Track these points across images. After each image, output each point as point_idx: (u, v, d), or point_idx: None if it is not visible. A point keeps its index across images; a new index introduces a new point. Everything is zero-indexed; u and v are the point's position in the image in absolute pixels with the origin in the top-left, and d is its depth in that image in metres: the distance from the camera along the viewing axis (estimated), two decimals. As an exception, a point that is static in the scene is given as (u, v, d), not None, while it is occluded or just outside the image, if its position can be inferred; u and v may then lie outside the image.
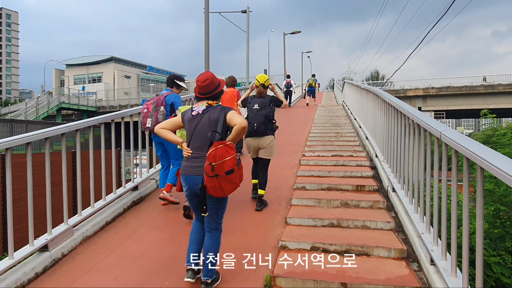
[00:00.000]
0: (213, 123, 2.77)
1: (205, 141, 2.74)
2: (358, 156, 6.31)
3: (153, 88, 54.63)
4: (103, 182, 4.04)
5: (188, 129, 2.88)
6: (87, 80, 62.79)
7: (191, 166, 2.79)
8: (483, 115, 8.62)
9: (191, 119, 2.86)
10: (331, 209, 4.12)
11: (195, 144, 2.80)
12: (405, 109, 3.69)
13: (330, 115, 12.60)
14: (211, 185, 2.59)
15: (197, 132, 2.81)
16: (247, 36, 20.82)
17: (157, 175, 5.26)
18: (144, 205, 4.55)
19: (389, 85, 39.58)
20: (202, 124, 2.81)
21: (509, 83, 32.29)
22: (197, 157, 2.78)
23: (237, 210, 4.27)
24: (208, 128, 2.77)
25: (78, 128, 3.70)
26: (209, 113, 2.83)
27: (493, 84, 32.58)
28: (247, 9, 20.73)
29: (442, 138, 2.53)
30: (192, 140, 2.83)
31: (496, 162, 1.79)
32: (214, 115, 2.80)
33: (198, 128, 2.82)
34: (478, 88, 32.50)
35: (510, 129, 7.92)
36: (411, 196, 3.53)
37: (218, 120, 2.77)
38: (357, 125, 8.75)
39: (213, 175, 2.55)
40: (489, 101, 31.24)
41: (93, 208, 3.87)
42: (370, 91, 6.68)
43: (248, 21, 20.89)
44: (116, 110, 38.33)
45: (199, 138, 2.80)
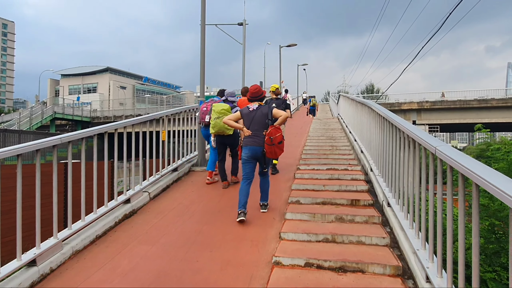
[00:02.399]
0: (265, 115, 4.61)
1: (260, 126, 4.57)
2: (353, 170, 6.30)
3: (149, 99, 54.69)
4: (95, 195, 3.96)
5: (246, 119, 4.66)
6: (82, 90, 62.76)
7: (252, 141, 4.54)
8: (477, 130, 8.67)
9: (249, 112, 4.67)
10: (326, 223, 4.08)
11: (254, 127, 4.58)
12: (399, 123, 3.69)
13: (325, 128, 12.63)
14: (270, 150, 4.43)
15: (254, 121, 4.61)
16: (243, 48, 20.96)
17: (150, 188, 5.23)
18: (136, 219, 4.47)
19: (384, 99, 39.91)
20: (257, 116, 4.62)
21: (502, 97, 32.74)
22: (255, 135, 4.54)
23: (231, 224, 4.22)
24: (261, 118, 4.60)
25: (70, 140, 3.65)
26: (261, 109, 4.67)
27: (487, 98, 32.97)
28: (243, 21, 20.92)
29: (437, 153, 2.52)
30: (251, 125, 4.60)
31: (491, 179, 1.77)
32: (265, 110, 4.65)
33: (255, 118, 4.62)
34: (471, 103, 32.87)
35: (504, 143, 7.96)
36: (406, 211, 3.50)
37: (268, 114, 4.62)
38: (352, 139, 8.76)
39: (271, 144, 4.39)
40: (482, 116, 31.58)
41: (84, 221, 3.79)
42: (365, 104, 6.70)
43: (244, 34, 21.06)
44: (110, 120, 38.25)
45: (256, 124, 4.59)
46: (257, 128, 4.56)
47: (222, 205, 4.96)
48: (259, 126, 4.57)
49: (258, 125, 4.58)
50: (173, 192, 5.56)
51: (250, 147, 4.52)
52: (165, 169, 5.86)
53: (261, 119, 4.60)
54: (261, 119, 4.60)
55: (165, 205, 4.95)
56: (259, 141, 4.50)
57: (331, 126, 13.22)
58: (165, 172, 5.86)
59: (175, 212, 4.68)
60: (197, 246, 3.67)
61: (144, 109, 44.49)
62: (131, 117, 37.60)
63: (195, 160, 7.11)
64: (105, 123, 35.15)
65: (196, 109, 7.28)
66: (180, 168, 6.42)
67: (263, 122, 4.59)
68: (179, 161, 6.45)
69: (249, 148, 4.52)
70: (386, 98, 40.18)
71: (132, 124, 4.90)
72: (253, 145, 4.51)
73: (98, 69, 63.50)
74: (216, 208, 4.81)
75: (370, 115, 5.97)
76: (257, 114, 4.63)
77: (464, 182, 2.19)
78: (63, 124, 38.77)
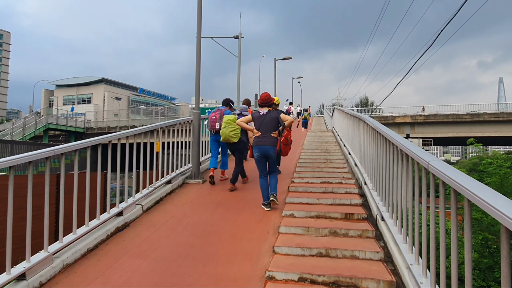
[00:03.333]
0: (274, 119, 5.33)
1: (269, 128, 5.29)
2: (347, 183, 6.30)
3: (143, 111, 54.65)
4: (87, 207, 3.92)
5: (257, 122, 5.39)
6: (76, 101, 62.59)
7: (262, 141, 5.24)
8: (470, 144, 8.76)
9: (259, 116, 5.41)
10: (320, 237, 4.06)
11: (263, 129, 5.29)
12: (393, 137, 3.71)
13: (319, 141, 12.67)
14: (285, 150, 5.58)
15: (264, 124, 5.32)
16: (239, 61, 21.14)
17: (143, 200, 5.19)
18: (129, 232, 4.42)
19: (378, 112, 40.26)
20: (267, 119, 5.34)
21: (494, 112, 33.18)
22: (265, 136, 5.25)
23: (224, 238, 4.19)
24: (271, 122, 5.32)
25: (63, 152, 3.63)
26: (270, 114, 5.39)
27: (479, 113, 33.39)
28: (239, 35, 21.15)
29: (429, 168, 2.53)
30: (261, 127, 5.31)
31: (482, 194, 1.79)
32: (274, 115, 5.37)
33: (264, 121, 5.33)
34: (464, 117, 33.26)
35: (496, 158, 8.04)
36: (399, 225, 3.50)
37: (277, 118, 5.32)
38: (347, 152, 8.79)
39: (286, 144, 5.57)
40: (475, 130, 31.95)
41: (75, 234, 3.74)
42: (359, 118, 6.74)
43: (239, 47, 21.28)
44: (104, 131, 38.11)
45: (265, 126, 5.30)
46: (266, 130, 5.30)
47: (215, 218, 4.93)
48: (268, 128, 5.30)
49: (268, 127, 5.31)
50: (166, 205, 5.52)
51: (260, 146, 5.24)
52: (158, 181, 5.83)
53: (270, 122, 5.33)
54: (271, 122, 5.33)
55: (158, 218, 4.90)
56: (268, 141, 5.24)
57: (325, 139, 13.27)
58: (159, 184, 5.83)
59: (168, 225, 4.64)
60: (189, 260, 3.63)
61: (139, 120, 44.43)
62: (125, 128, 37.56)
63: (189, 172, 7.08)
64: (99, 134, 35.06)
65: (191, 121, 7.28)
66: (174, 181, 6.39)
67: (272, 125, 5.32)
68: (173, 173, 6.42)
69: (259, 147, 5.24)
70: (380, 111, 40.54)
71: (126, 136, 4.88)
72: (263, 145, 5.23)
73: (93, 80, 63.49)
74: (209, 222, 4.78)
75: (364, 128, 6.01)
76: (267, 118, 5.36)
77: (457, 197, 2.20)
78: (57, 135, 38.57)
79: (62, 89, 64.68)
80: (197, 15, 7.40)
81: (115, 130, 37.79)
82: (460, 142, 38.46)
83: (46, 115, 37.45)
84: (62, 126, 36.09)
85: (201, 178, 6.95)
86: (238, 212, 5.14)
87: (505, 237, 1.64)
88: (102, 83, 62.93)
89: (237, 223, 4.70)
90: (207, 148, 8.41)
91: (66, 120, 37.64)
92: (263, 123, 5.34)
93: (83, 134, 38.61)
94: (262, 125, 5.33)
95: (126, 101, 64.47)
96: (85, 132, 39.13)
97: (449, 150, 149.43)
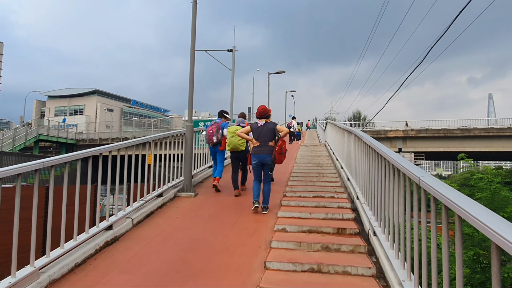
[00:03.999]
0: (271, 130, 5.84)
1: (266, 138, 5.78)
2: (340, 197, 6.30)
3: (136, 122, 54.46)
4: (76, 221, 3.85)
5: (255, 132, 5.87)
6: (68, 112, 62.18)
7: (260, 150, 5.73)
8: (461, 159, 8.86)
9: (257, 127, 5.91)
10: (312, 252, 4.03)
11: (261, 139, 5.79)
12: (385, 152, 3.73)
13: (312, 155, 12.70)
14: (279, 158, 5.80)
15: (262, 134, 5.82)
16: (232, 74, 21.25)
17: (133, 214, 5.12)
18: (118, 246, 4.34)
19: (371, 126, 40.61)
20: (264, 130, 5.85)
21: (484, 127, 33.64)
22: (262, 146, 5.74)
23: (215, 253, 4.13)
24: (268, 132, 5.82)
25: (53, 164, 3.58)
26: (267, 125, 5.91)
27: (469, 128, 33.85)
28: (233, 48, 21.31)
29: (421, 183, 2.55)
30: (259, 138, 5.81)
31: (473, 211, 1.79)
32: (270, 126, 5.90)
33: (262, 132, 5.83)
34: (455, 132, 33.68)
35: (487, 173, 8.12)
36: (391, 241, 3.49)
37: (274, 129, 5.86)
38: (339, 166, 8.82)
39: (281, 153, 5.78)
40: (465, 144, 32.32)
41: (63, 248, 3.66)
42: (352, 132, 6.79)
43: (233, 60, 21.40)
44: (96, 143, 37.84)
45: (263, 136, 5.80)
46: (264, 140, 5.79)
47: (207, 232, 4.87)
48: (265, 138, 5.80)
49: (265, 137, 5.81)
50: (157, 219, 5.45)
51: (258, 155, 5.74)
52: (149, 194, 5.77)
53: (267, 133, 5.84)
54: (268, 133, 5.84)
55: (148, 232, 4.83)
56: (265, 150, 5.74)
57: (318, 153, 13.31)
58: (150, 197, 5.76)
59: (158, 239, 4.57)
60: (180, 275, 3.57)
61: (131, 132, 44.22)
62: (118, 140, 37.33)
63: (180, 185, 7.02)
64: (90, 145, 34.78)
65: (183, 133, 7.26)
66: (165, 194, 6.32)
67: (269, 135, 5.83)
68: (164, 187, 6.36)
69: (257, 156, 5.74)
70: (372, 125, 40.91)
71: (118, 149, 4.84)
72: (260, 154, 5.73)
73: (85, 91, 63.21)
74: (201, 236, 4.72)
75: (357, 143, 6.05)
76: (264, 129, 5.88)
77: (448, 213, 2.21)
78: (47, 146, 38.15)
79: (54, 100, 64.27)
80: (191, 28, 7.46)
81: (107, 142, 37.53)
82: (452, 156, 38.88)
83: (37, 126, 37.07)
84: (53, 137, 35.77)
85: (193, 192, 6.90)
86: (230, 226, 5.10)
87: (496, 253, 1.64)
88: (95, 94, 62.68)
89: (229, 237, 4.65)
90: (199, 161, 8.38)
91: (57, 131, 37.35)
92: (261, 133, 5.85)
93: (74, 146, 38.29)
94: (260, 135, 5.85)
95: (119, 113, 64.22)
96: (77, 143, 38.81)
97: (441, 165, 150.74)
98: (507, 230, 1.54)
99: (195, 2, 7.40)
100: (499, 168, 28.00)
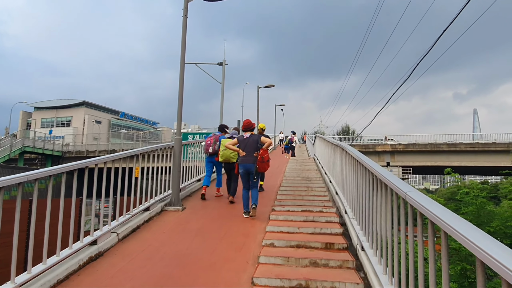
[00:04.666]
0: (255, 142, 6.42)
1: (251, 149, 6.34)
2: (328, 211, 6.30)
3: (124, 135, 53.99)
4: (59, 235, 3.76)
5: (241, 143, 6.49)
6: (55, 123, 61.34)
7: (246, 160, 6.30)
8: (447, 173, 8.97)
9: (243, 139, 6.51)
10: (300, 268, 4.00)
11: (247, 150, 6.36)
12: (372, 167, 3.75)
13: (301, 169, 12.72)
14: (261, 166, 6.32)
15: (247, 145, 6.40)
16: (222, 87, 21.33)
17: (119, 228, 5.03)
18: (102, 261, 4.24)
19: (359, 140, 41.00)
20: (250, 142, 6.44)
21: (470, 142, 34.30)
22: (248, 156, 6.31)
23: (202, 268, 4.07)
24: (253, 143, 6.40)
25: (37, 178, 3.50)
26: (252, 137, 6.51)
27: (455, 142, 34.47)
28: (223, 61, 21.44)
29: (407, 199, 2.56)
30: (246, 148, 6.38)
31: (458, 227, 1.81)
32: (255, 138, 6.48)
33: (248, 143, 6.42)
34: (441, 146, 34.23)
35: (473, 188, 8.23)
36: (379, 256, 3.49)
37: (258, 140, 6.43)
38: (328, 180, 8.84)
39: (262, 161, 6.28)
40: (452, 159, 32.81)
41: (45, 264, 3.56)
42: (340, 146, 6.83)
43: (223, 74, 21.51)
44: (83, 155, 37.33)
45: (248, 147, 6.37)
46: (250, 151, 6.38)
47: (194, 247, 4.80)
48: (251, 149, 6.39)
49: (250, 148, 6.41)
50: (143, 233, 5.36)
51: (245, 164, 6.33)
52: (136, 208, 5.68)
53: (252, 144, 6.44)
54: (253, 144, 6.44)
55: (134, 247, 4.74)
56: (251, 160, 6.33)
57: (307, 166, 13.34)
58: (136, 211, 5.67)
59: (144, 255, 4.48)
60: (165, 292, 3.49)
61: (119, 144, 43.76)
62: (105, 152, 36.91)
63: (168, 199, 6.93)
64: (77, 158, 34.28)
65: (172, 146, 7.22)
66: (152, 208, 6.23)
67: (254, 146, 6.42)
68: (151, 200, 6.26)
69: (244, 165, 6.34)
70: (361, 139, 41.33)
71: (104, 162, 4.78)
72: (246, 163, 6.32)
73: (73, 103, 62.52)
74: (187, 251, 4.65)
75: (345, 157, 6.08)
76: (250, 141, 6.50)
77: (434, 228, 2.22)
78: (33, 158, 37.48)
79: (41, 111, 63.41)
80: (181, 42, 7.49)
81: (94, 154, 37.04)
82: (439, 171, 39.33)
83: (22, 137, 36.47)
84: (38, 149, 35.18)
85: (181, 205, 6.82)
86: (218, 240, 5.04)
87: (481, 269, 1.65)
88: (83, 106, 62.06)
89: (216, 252, 4.58)
90: (187, 175, 8.32)
91: (43, 143, 36.75)
92: (247, 145, 6.45)
93: (61, 158, 37.69)
94: (246, 146, 6.43)
95: (107, 125, 63.59)
96: (63, 155, 38.22)
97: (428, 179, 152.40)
98: (491, 246, 1.55)
99: (185, 16, 7.46)
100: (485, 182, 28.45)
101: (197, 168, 9.03)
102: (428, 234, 2.29)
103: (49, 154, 36.65)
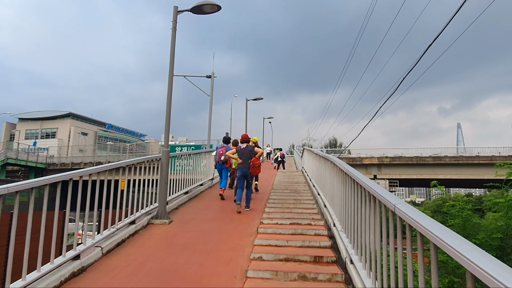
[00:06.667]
0: (250, 151, 8.27)
1: (247, 157, 8.19)
2: (317, 224, 6.27)
3: (111, 147, 53.30)
4: (40, 250, 3.63)
5: (239, 153, 8.25)
6: (40, 135, 60.26)
7: (242, 166, 8.09)
8: (433, 186, 9.06)
9: (241, 149, 8.30)
10: (289, 282, 3.94)
11: (243, 158, 8.17)
12: (361, 179, 3.75)
13: (289, 181, 12.70)
14: (253, 171, 8.24)
15: (243, 154, 8.21)
16: (211, 100, 21.34)
17: (103, 242, 4.88)
18: (85, 277, 4.10)
19: (346, 153, 41.32)
20: (245, 151, 8.25)
21: (454, 155, 34.93)
22: (244, 163, 8.13)
23: (188, 284, 3.97)
24: (248, 153, 8.24)
25: (18, 190, 3.39)
26: (248, 147, 8.33)
27: (440, 156, 35.04)
28: (212, 74, 21.50)
29: (396, 211, 2.55)
30: (242, 157, 8.19)
31: (447, 239, 1.80)
32: (250, 148, 8.34)
33: (244, 152, 8.23)
34: (427, 159, 34.75)
35: (458, 200, 8.32)
36: (368, 269, 3.46)
37: (252, 150, 8.32)
38: (316, 192, 8.83)
39: (253, 167, 8.23)
40: (437, 172, 33.30)
41: (25, 280, 3.42)
42: (328, 159, 6.84)
43: (212, 86, 21.55)
44: (67, 167, 36.65)
45: (244, 156, 8.20)
46: (245, 159, 8.15)
47: (181, 261, 4.70)
48: (246, 157, 8.16)
49: (245, 156, 8.17)
50: (129, 247, 5.22)
51: (241, 169, 8.06)
52: (121, 222, 5.55)
53: (247, 153, 8.20)
54: (248, 153, 8.20)
55: (119, 262, 4.61)
56: (246, 166, 8.10)
57: (295, 179, 13.33)
58: (122, 225, 5.54)
59: (128, 270, 4.35)
60: (150, 308, 3.38)
61: (106, 156, 43.17)
62: (91, 164, 36.29)
63: (155, 212, 6.81)
64: (62, 170, 33.62)
65: (159, 158, 7.13)
66: (138, 221, 6.10)
67: (249, 155, 8.18)
68: (137, 213, 6.14)
69: (241, 170, 8.06)
70: (348, 152, 41.66)
71: (89, 174, 4.68)
72: (243, 168, 8.07)
73: (59, 114, 61.61)
74: (173, 266, 4.54)
75: (333, 169, 6.08)
76: (245, 150, 8.25)
77: (423, 240, 2.21)
78: (16, 170, 36.65)
79: (25, 122, 62.28)
80: (170, 55, 7.48)
81: (80, 166, 36.40)
82: (425, 183, 39.86)
83: (5, 149, 35.68)
84: (22, 161, 34.46)
85: (168, 219, 6.70)
86: (205, 254, 4.94)
87: (471, 282, 1.64)
88: (69, 117, 61.20)
89: (203, 266, 4.49)
90: (175, 187, 8.21)
91: (26, 155, 36.01)
92: (243, 154, 8.19)
93: (45, 170, 36.94)
94: (243, 155, 8.18)
95: (93, 137, 62.75)
96: (47, 168, 37.48)
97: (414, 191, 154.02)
98: (480, 259, 1.54)
99: (174, 28, 7.47)
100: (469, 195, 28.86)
101: (185, 181, 8.93)
102: (417, 247, 2.28)
103: (32, 166, 35.90)
